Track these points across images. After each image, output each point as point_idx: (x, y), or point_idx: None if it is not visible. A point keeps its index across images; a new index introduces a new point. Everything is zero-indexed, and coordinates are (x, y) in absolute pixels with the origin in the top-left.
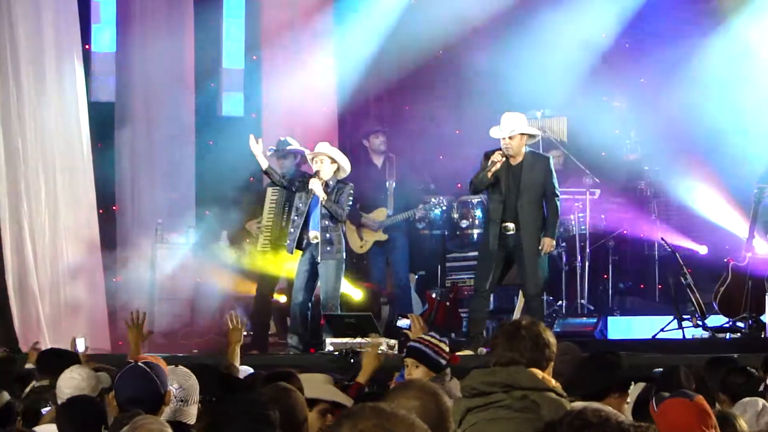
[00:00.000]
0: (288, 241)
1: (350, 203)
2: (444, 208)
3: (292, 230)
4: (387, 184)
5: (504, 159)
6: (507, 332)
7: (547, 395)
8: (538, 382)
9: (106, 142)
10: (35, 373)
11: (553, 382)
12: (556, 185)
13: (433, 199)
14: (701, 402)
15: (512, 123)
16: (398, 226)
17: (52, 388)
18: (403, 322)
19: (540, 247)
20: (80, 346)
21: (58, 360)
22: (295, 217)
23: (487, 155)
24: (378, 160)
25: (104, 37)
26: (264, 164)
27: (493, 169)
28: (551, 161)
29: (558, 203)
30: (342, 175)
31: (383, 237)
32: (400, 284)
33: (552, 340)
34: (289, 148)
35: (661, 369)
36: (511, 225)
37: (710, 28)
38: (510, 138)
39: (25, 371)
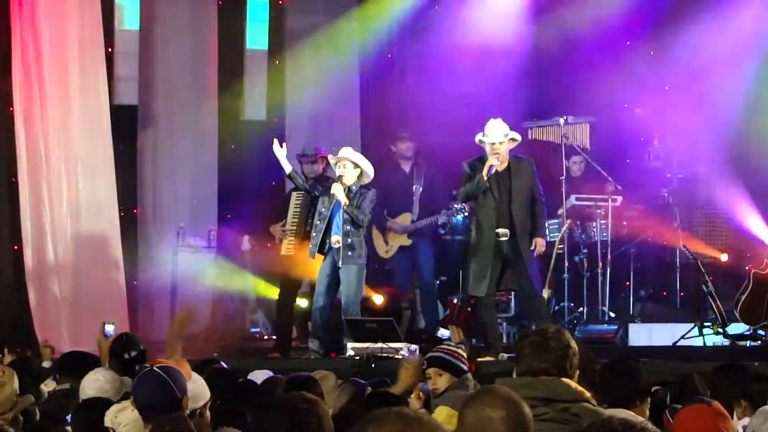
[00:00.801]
0: (311, 246)
1: (372, 209)
2: (467, 214)
3: (314, 234)
4: (413, 188)
5: (498, 164)
6: (534, 343)
7: (587, 406)
8: (577, 394)
9: (129, 145)
10: (45, 371)
11: (587, 393)
12: (539, 187)
13: (455, 206)
14: (718, 407)
15: (502, 127)
16: (423, 232)
17: (74, 391)
18: (442, 333)
19: (532, 248)
20: (109, 331)
21: (79, 363)
22: (318, 222)
23: (470, 164)
24: (406, 165)
25: (127, 40)
26: (288, 168)
27: (492, 172)
28: (533, 164)
29: (543, 204)
30: (365, 181)
31: (408, 242)
32: (426, 288)
33: (575, 347)
34: (314, 153)
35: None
36: (504, 231)
37: (736, 38)
38: (500, 143)
39: (38, 369)
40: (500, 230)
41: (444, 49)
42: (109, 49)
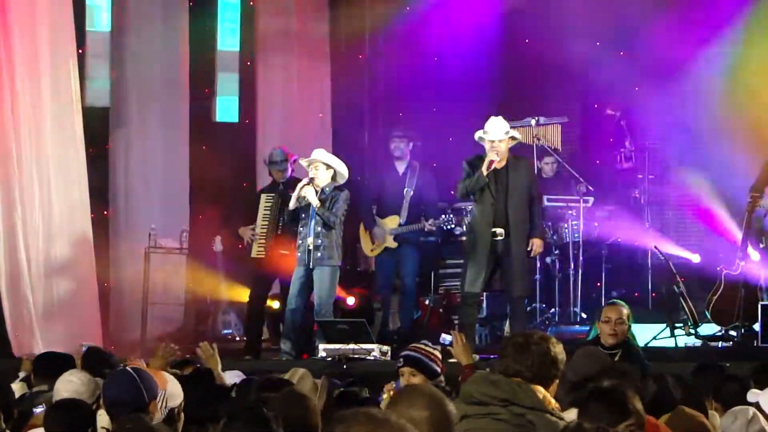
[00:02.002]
0: (299, 254)
1: (346, 209)
2: (453, 226)
3: (300, 241)
4: (405, 191)
5: (498, 160)
6: (517, 344)
7: (545, 417)
8: (538, 402)
9: (100, 147)
10: (31, 380)
11: (553, 403)
12: (537, 187)
13: (443, 216)
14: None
15: (503, 125)
16: (409, 237)
17: (50, 392)
18: (444, 338)
19: (529, 249)
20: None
21: (54, 364)
22: (301, 229)
23: (469, 161)
24: (400, 167)
25: (99, 42)
26: (315, 203)
27: (491, 168)
28: (531, 164)
29: (541, 205)
30: (340, 181)
31: (393, 244)
32: (405, 291)
33: (561, 356)
34: (284, 159)
35: None
36: (500, 230)
37: (705, 39)
38: (500, 141)
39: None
40: (496, 229)
41: (414, 50)
42: (80, 51)
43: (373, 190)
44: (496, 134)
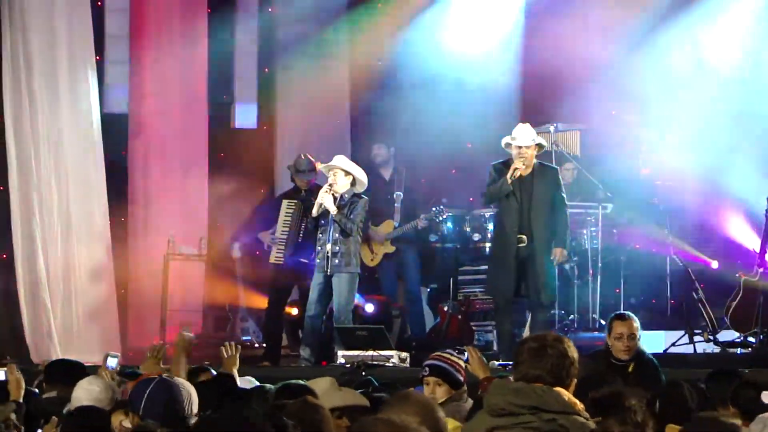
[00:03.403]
0: (318, 261)
1: (364, 217)
2: (445, 216)
3: (319, 248)
4: (394, 195)
5: (524, 168)
6: (532, 349)
7: (575, 419)
8: (567, 406)
9: (119, 153)
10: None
11: (579, 404)
12: (565, 196)
13: (433, 209)
14: None
15: (531, 132)
16: (407, 239)
17: (61, 399)
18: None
19: (552, 257)
20: (111, 364)
21: (67, 371)
22: (320, 235)
23: (496, 167)
24: (386, 173)
25: (118, 49)
26: (333, 211)
27: (516, 175)
28: (558, 172)
29: (567, 214)
30: (359, 189)
31: (391, 249)
32: (411, 297)
33: (575, 355)
34: (311, 169)
35: None
36: (523, 237)
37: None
38: (527, 147)
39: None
40: (521, 236)
41: (434, 56)
42: (98, 57)
43: None
44: (524, 140)
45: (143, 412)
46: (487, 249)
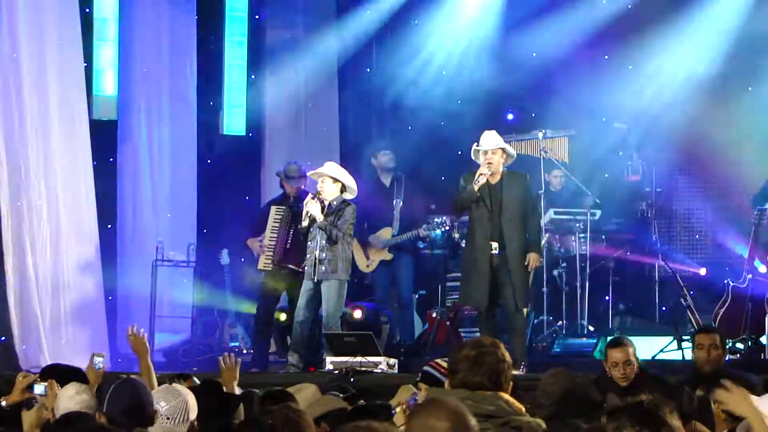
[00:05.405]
0: (306, 267)
1: (353, 224)
2: (447, 228)
3: (308, 255)
4: (394, 203)
5: (489, 173)
6: (470, 356)
7: (524, 419)
8: (515, 408)
9: (108, 160)
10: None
11: (519, 404)
12: (535, 202)
13: (436, 219)
14: None
15: (496, 137)
16: (404, 246)
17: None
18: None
19: (526, 263)
20: (98, 364)
21: (63, 376)
22: (309, 242)
23: (464, 177)
24: (386, 179)
25: (106, 55)
26: (319, 218)
27: (482, 181)
28: (528, 178)
29: (539, 219)
30: (349, 195)
31: (388, 256)
32: (404, 303)
33: (510, 360)
34: (301, 175)
35: None
36: (495, 244)
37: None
38: (493, 153)
39: None
40: (492, 243)
41: (422, 62)
42: (87, 64)
43: (360, 206)
44: (488, 145)
45: (107, 408)
46: None
